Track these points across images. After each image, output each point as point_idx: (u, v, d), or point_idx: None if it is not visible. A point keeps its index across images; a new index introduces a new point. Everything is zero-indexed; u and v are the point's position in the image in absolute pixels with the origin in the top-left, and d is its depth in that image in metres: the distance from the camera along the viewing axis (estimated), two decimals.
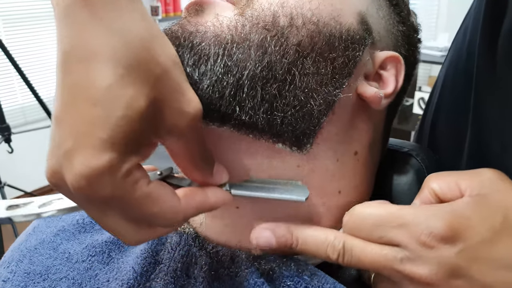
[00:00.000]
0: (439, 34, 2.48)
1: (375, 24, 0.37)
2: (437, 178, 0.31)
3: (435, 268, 0.28)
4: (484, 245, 0.27)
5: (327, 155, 0.35)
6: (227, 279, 0.34)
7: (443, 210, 0.29)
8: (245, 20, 0.31)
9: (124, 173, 0.24)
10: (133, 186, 0.25)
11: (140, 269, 0.37)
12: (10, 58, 1.74)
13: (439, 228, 0.28)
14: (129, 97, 0.23)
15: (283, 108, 0.31)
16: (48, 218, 0.48)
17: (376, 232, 0.30)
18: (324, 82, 0.32)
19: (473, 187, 0.29)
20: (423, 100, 2.38)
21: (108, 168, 0.23)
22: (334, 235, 0.31)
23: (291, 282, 0.32)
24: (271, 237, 0.32)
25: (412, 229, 0.28)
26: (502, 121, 0.36)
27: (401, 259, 0.29)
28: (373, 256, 0.29)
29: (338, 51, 0.33)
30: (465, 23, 0.43)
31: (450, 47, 0.47)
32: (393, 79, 0.37)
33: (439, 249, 0.28)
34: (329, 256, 0.31)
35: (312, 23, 0.32)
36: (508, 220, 0.28)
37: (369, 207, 0.31)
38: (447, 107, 0.45)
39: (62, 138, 0.24)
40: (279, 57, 0.31)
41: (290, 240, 0.32)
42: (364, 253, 0.30)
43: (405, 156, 0.43)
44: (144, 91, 0.24)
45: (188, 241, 0.37)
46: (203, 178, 0.30)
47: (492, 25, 0.36)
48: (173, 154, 0.28)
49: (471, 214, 0.28)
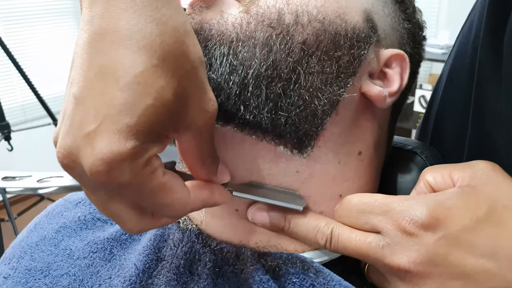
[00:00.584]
0: (440, 32, 2.48)
1: (381, 22, 0.36)
2: (432, 170, 0.32)
3: (414, 256, 0.28)
4: (465, 232, 0.27)
5: (328, 158, 0.35)
6: (231, 276, 0.34)
7: (427, 199, 0.29)
8: (250, 17, 0.31)
9: (144, 161, 0.24)
10: (151, 176, 0.25)
11: (142, 266, 0.37)
12: (10, 56, 1.73)
13: (420, 215, 0.28)
14: (159, 87, 0.23)
15: (288, 108, 0.31)
16: (50, 215, 0.47)
17: (361, 218, 0.30)
18: (329, 81, 0.32)
19: (464, 177, 0.30)
20: (423, 98, 2.38)
21: (130, 155, 0.23)
22: (325, 221, 0.32)
23: (297, 279, 0.32)
24: (265, 217, 0.33)
25: (394, 216, 0.29)
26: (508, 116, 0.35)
27: (383, 246, 0.29)
28: (357, 242, 0.30)
29: (344, 49, 0.32)
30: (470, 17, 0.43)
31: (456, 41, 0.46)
32: (398, 77, 0.36)
33: (419, 236, 0.28)
34: (318, 242, 0.32)
35: (317, 21, 0.32)
36: (493, 211, 0.28)
37: (358, 196, 0.32)
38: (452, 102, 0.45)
39: (84, 119, 0.23)
40: (284, 55, 0.30)
41: (283, 223, 0.33)
42: (349, 239, 0.30)
43: (410, 154, 0.43)
44: (173, 84, 0.24)
45: (191, 238, 0.36)
46: (208, 176, 0.30)
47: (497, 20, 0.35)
48: (184, 150, 0.27)
49: (455, 203, 0.28)
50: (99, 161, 0.23)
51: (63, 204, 0.49)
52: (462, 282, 0.27)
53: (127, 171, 0.23)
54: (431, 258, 0.27)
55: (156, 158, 0.25)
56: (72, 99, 0.24)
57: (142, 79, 0.23)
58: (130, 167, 0.23)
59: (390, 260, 0.28)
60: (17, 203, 2.48)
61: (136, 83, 0.23)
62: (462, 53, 0.43)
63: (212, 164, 0.29)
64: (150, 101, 0.23)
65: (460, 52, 0.43)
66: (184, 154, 0.28)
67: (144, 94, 0.23)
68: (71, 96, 0.24)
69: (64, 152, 0.24)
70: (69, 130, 0.24)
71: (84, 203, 0.47)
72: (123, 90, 0.23)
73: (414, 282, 0.28)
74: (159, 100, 0.23)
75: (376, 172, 0.39)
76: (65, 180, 0.31)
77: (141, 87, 0.23)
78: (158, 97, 0.23)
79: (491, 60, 0.36)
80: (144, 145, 0.23)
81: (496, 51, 0.35)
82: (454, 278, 0.27)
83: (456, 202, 0.28)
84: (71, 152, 0.24)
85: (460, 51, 0.43)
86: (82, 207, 0.47)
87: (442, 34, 2.40)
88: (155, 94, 0.23)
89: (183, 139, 0.26)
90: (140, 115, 0.23)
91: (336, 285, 0.31)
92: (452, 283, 0.27)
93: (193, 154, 0.27)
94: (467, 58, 0.42)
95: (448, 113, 0.45)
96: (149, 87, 0.23)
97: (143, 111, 0.23)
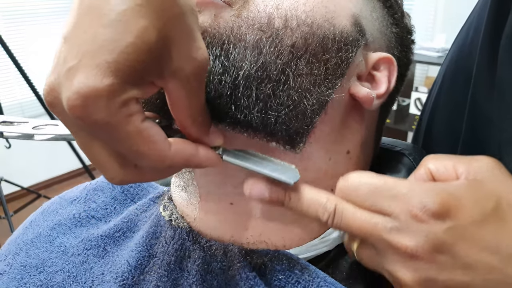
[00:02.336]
0: (436, 35, 2.49)
1: (369, 26, 0.37)
2: (435, 158, 0.32)
3: (422, 241, 0.28)
4: (472, 226, 0.28)
5: (319, 154, 0.36)
6: (219, 272, 0.35)
7: (439, 187, 0.29)
8: (241, 21, 0.32)
9: (121, 102, 0.24)
10: (127, 118, 0.24)
11: (134, 262, 0.37)
12: (10, 54, 1.74)
13: (433, 204, 0.28)
14: (142, 26, 0.23)
15: (277, 108, 0.32)
16: (46, 212, 0.48)
17: (369, 200, 0.30)
18: (317, 83, 0.33)
19: (470, 171, 0.30)
20: (419, 100, 2.39)
21: (106, 92, 0.23)
22: (327, 197, 0.31)
23: (283, 276, 0.33)
24: (265, 189, 0.31)
25: (405, 201, 0.29)
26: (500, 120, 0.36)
27: (390, 228, 0.29)
28: (362, 221, 0.30)
29: (331, 52, 0.33)
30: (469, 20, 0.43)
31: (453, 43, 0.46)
32: (385, 80, 0.37)
33: (429, 223, 0.28)
34: (319, 217, 0.31)
35: (306, 25, 0.33)
36: (499, 207, 0.29)
37: (364, 176, 0.31)
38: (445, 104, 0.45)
39: (67, 55, 0.24)
40: (274, 58, 0.31)
41: (283, 196, 0.31)
42: (353, 217, 0.30)
43: (398, 155, 0.44)
44: (157, 25, 0.24)
45: (182, 235, 0.37)
46: (198, 134, 0.29)
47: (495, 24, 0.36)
48: (173, 102, 0.27)
49: (465, 196, 0.29)
50: (75, 95, 0.23)
51: (58, 202, 0.49)
52: (462, 271, 0.28)
53: (102, 109, 0.23)
54: (438, 246, 0.28)
55: (135, 102, 0.25)
56: (61, 39, 0.25)
57: (124, 17, 0.23)
58: (106, 104, 0.23)
59: (397, 241, 0.29)
60: (13, 201, 2.48)
61: (118, 20, 0.23)
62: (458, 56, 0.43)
63: (203, 123, 0.29)
64: (131, 39, 0.23)
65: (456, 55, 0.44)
66: (173, 107, 0.27)
67: (126, 31, 0.23)
68: (61, 37, 0.25)
69: (47, 89, 0.25)
70: (55, 68, 0.25)
71: (79, 201, 0.48)
72: (105, 27, 0.23)
73: (418, 266, 0.29)
74: (140, 39, 0.23)
75: (363, 170, 0.40)
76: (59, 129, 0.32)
77: (122, 24, 0.23)
78: (139, 35, 0.23)
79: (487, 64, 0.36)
80: (122, 85, 0.23)
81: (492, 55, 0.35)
82: (456, 267, 0.28)
83: (465, 194, 0.29)
84: (53, 88, 0.24)
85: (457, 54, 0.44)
86: (77, 204, 0.48)
87: (438, 38, 2.40)
88: (137, 32, 0.23)
89: (170, 87, 0.26)
90: (120, 52, 0.23)
91: (321, 281, 0.32)
92: (453, 271, 0.28)
93: (183, 107, 0.27)
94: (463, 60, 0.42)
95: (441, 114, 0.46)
96: (131, 25, 0.23)
97: (123, 49, 0.23)
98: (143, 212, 0.43)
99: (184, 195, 0.39)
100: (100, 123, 0.24)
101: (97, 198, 0.47)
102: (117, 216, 0.45)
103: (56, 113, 0.26)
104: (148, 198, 0.44)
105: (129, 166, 0.27)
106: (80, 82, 0.23)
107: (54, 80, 0.24)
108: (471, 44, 0.40)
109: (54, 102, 0.25)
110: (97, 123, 0.24)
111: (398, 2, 0.42)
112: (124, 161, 0.27)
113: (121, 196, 0.47)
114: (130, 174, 0.28)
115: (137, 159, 0.26)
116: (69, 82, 0.23)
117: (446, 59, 0.47)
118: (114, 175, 0.27)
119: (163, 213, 0.40)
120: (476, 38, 0.39)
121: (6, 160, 2.45)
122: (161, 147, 0.26)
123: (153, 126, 0.26)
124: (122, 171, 0.27)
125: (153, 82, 0.25)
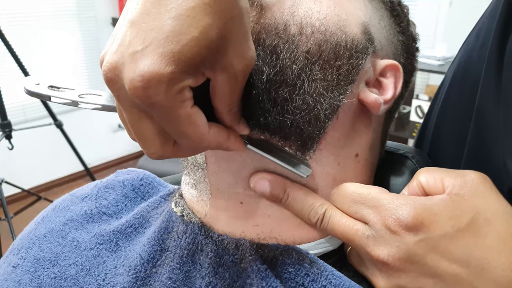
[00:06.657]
0: (437, 44, 2.51)
1: (377, 34, 0.39)
2: (426, 172, 0.34)
3: (393, 251, 0.31)
4: (444, 239, 0.30)
5: (328, 161, 0.37)
6: (231, 265, 0.36)
7: (416, 202, 0.31)
8: (259, 27, 0.34)
9: (179, 88, 0.26)
10: (181, 104, 0.27)
11: (147, 256, 0.39)
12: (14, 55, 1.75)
13: (405, 217, 0.30)
14: (206, 23, 0.25)
15: (293, 111, 0.33)
16: (57, 208, 0.49)
17: (353, 207, 0.33)
18: (330, 88, 0.34)
19: (455, 185, 0.32)
20: (420, 108, 2.41)
21: (167, 79, 0.25)
22: (320, 202, 0.35)
23: (292, 269, 0.35)
24: (267, 186, 0.35)
25: (383, 212, 0.32)
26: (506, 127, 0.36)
27: (368, 236, 0.32)
28: (345, 227, 0.33)
29: (343, 59, 0.35)
30: (478, 25, 0.43)
31: (460, 48, 0.46)
32: (392, 86, 0.39)
33: (401, 235, 0.30)
34: (310, 219, 0.35)
35: (320, 32, 0.34)
36: (475, 222, 0.30)
37: (354, 185, 0.35)
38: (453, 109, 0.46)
39: (133, 39, 0.26)
40: (290, 63, 0.33)
41: (281, 195, 0.36)
42: (338, 222, 0.34)
43: (401, 158, 0.46)
44: (219, 24, 0.26)
45: (194, 230, 0.38)
46: (231, 122, 0.32)
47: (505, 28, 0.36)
48: (217, 91, 0.29)
49: (442, 210, 0.30)
50: (139, 77, 0.25)
51: (69, 199, 0.50)
52: (433, 281, 0.30)
53: (161, 93, 0.26)
54: (409, 256, 0.30)
55: (188, 90, 0.27)
56: (126, 22, 0.27)
57: (192, 13, 0.25)
58: (166, 89, 0.26)
59: (371, 249, 0.32)
60: (14, 203, 2.48)
61: (187, 15, 0.25)
62: (466, 61, 0.44)
63: (237, 112, 0.32)
64: (196, 34, 0.25)
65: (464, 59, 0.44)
66: (215, 96, 0.30)
67: (192, 26, 0.25)
68: (126, 20, 0.27)
69: (109, 66, 0.27)
70: (118, 48, 0.27)
71: (90, 198, 0.49)
72: (173, 19, 0.25)
73: (390, 274, 0.31)
74: (204, 35, 0.25)
75: (371, 172, 0.42)
76: (102, 99, 0.34)
77: (190, 19, 0.25)
78: (203, 31, 0.25)
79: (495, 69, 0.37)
80: (181, 74, 0.26)
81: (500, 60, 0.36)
82: (427, 276, 0.30)
83: (442, 209, 0.30)
84: (116, 66, 0.27)
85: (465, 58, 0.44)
86: (89, 201, 0.48)
87: (440, 46, 2.43)
88: (201, 28, 0.25)
89: (219, 79, 0.28)
90: (184, 45, 0.25)
91: (329, 275, 0.34)
92: (424, 280, 0.30)
93: (224, 97, 0.30)
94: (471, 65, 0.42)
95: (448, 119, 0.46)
96: (197, 22, 0.25)
97: (187, 41, 0.25)
98: (154, 209, 0.44)
99: (194, 192, 0.40)
100: (157, 105, 0.26)
101: (108, 195, 0.49)
102: (128, 213, 0.46)
103: (115, 89, 0.28)
104: (159, 196, 0.46)
105: (169, 143, 0.30)
106: (145, 66, 0.25)
107: (117, 59, 0.27)
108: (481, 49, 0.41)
109: (115, 79, 0.27)
110: (154, 105, 0.26)
111: (404, 11, 0.44)
112: (166, 138, 0.30)
113: (132, 194, 0.48)
114: (168, 150, 0.30)
115: (180, 138, 0.29)
116: (133, 65, 0.26)
117: (454, 63, 0.47)
118: (155, 150, 0.30)
119: (174, 209, 0.41)
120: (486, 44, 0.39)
121: (7, 162, 2.46)
122: (202, 130, 0.29)
123: (198, 111, 0.28)
124: (162, 147, 0.30)
125: (203, 73, 0.28)
